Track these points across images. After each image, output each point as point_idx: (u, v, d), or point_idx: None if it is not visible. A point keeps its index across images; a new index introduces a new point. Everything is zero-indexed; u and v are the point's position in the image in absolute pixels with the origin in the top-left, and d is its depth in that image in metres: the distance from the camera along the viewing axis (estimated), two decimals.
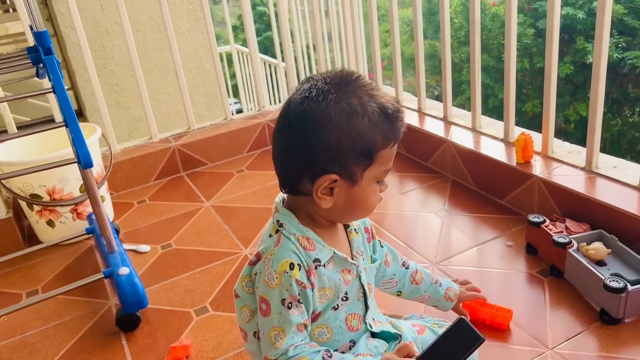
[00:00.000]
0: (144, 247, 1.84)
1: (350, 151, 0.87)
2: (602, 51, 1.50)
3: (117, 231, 1.88)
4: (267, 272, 0.89)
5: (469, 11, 1.84)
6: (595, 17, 1.38)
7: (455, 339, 0.89)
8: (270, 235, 0.94)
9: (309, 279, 0.91)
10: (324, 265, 0.93)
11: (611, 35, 6.15)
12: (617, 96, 6.78)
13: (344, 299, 0.97)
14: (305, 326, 0.92)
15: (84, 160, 1.17)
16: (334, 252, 0.94)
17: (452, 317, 1.28)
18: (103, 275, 1.53)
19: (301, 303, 0.90)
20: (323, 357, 0.90)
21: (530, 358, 1.24)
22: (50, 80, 1.33)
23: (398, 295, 1.23)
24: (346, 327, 0.99)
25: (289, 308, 0.89)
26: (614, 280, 1.27)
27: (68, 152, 1.74)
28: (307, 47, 3.97)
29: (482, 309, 1.34)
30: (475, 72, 1.94)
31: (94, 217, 1.78)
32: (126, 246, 1.82)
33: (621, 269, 1.36)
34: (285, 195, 0.98)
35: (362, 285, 1.00)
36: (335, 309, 0.96)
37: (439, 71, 2.14)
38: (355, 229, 1.03)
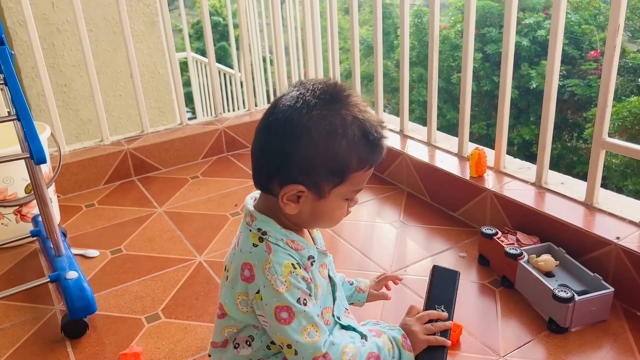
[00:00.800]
0: (92, 252, 1.78)
1: (322, 169, 0.87)
2: (554, 73, 1.57)
3: (64, 234, 1.81)
4: (274, 280, 0.89)
5: (421, 32, 1.89)
6: (539, 45, 1.44)
7: (440, 282, 1.07)
8: (255, 245, 0.92)
9: (307, 275, 0.93)
10: (312, 264, 0.95)
11: None
12: (557, 121, 7.08)
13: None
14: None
15: (36, 155, 1.12)
16: (317, 248, 0.97)
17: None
18: (49, 280, 1.46)
19: (311, 297, 0.92)
20: (362, 343, 0.95)
21: None
22: (1, 72, 1.27)
23: None
24: (326, 322, 1.00)
25: (305, 304, 0.90)
26: (562, 291, 1.32)
27: (14, 150, 1.67)
28: (264, 59, 3.97)
29: None
30: (432, 86, 1.99)
31: (39, 218, 1.71)
32: (73, 250, 1.75)
33: (568, 280, 1.42)
34: (254, 201, 0.97)
35: (331, 278, 1.03)
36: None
37: (391, 90, 2.20)
38: None
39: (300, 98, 0.87)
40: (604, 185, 1.62)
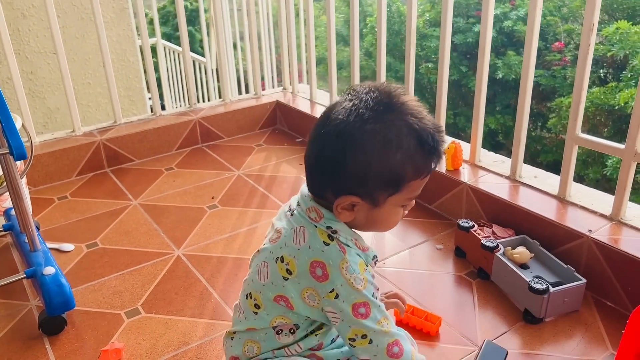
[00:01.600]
0: (67, 246, 1.74)
1: (378, 180, 0.87)
2: (530, 66, 1.61)
3: (37, 228, 1.76)
4: (353, 279, 0.89)
5: (390, 21, 1.90)
6: (505, 35, 1.47)
7: (487, 358, 1.17)
8: (327, 244, 0.91)
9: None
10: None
11: (519, 53, 6.59)
12: None
13: None
14: None
15: (17, 151, 1.09)
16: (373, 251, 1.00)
17: None
18: (25, 276, 1.43)
19: (378, 290, 0.95)
20: (411, 344, 0.98)
21: (461, 356, 1.31)
22: None
23: None
24: None
25: (376, 297, 0.93)
26: (537, 283, 1.37)
27: None
28: (234, 46, 3.92)
29: (412, 317, 1.39)
30: (410, 79, 2.01)
31: (12, 212, 1.66)
32: (48, 244, 1.71)
33: (542, 272, 1.46)
34: (306, 194, 0.96)
35: None
36: None
37: (360, 79, 2.20)
38: None
39: (354, 110, 0.86)
40: None
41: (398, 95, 0.88)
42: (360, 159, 0.85)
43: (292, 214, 0.97)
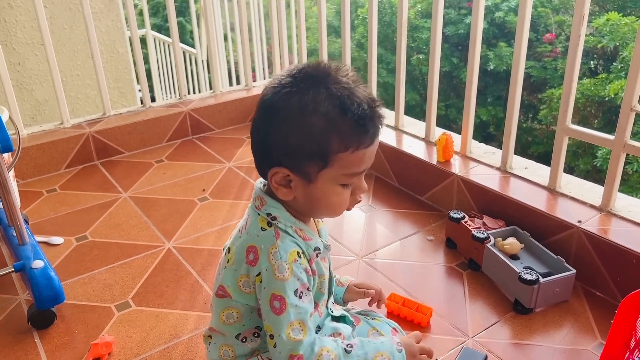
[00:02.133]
0: (57, 239, 1.73)
1: (299, 150, 0.84)
2: (521, 58, 1.60)
3: (26, 221, 1.75)
4: (277, 265, 0.87)
5: (381, 12, 1.89)
6: (497, 27, 1.47)
7: None
8: (264, 229, 0.90)
9: (311, 267, 0.92)
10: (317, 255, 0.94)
11: (510, 45, 6.60)
12: None
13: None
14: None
15: (2, 144, 1.08)
16: (322, 241, 0.96)
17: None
18: (14, 269, 1.42)
19: (309, 291, 0.90)
20: (345, 350, 0.92)
21: (452, 346, 1.31)
22: None
23: None
24: (318, 314, 1.01)
25: (301, 297, 0.88)
26: (527, 273, 1.37)
27: None
28: (225, 37, 3.90)
29: (403, 308, 1.39)
30: (401, 71, 2.01)
31: (0, 205, 1.64)
32: (37, 237, 1.69)
33: (533, 263, 1.47)
34: (263, 186, 0.96)
35: (330, 272, 1.03)
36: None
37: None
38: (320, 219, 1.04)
39: (282, 85, 0.84)
40: None
41: (327, 68, 0.85)
42: (280, 125, 0.84)
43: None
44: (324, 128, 0.82)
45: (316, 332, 1.00)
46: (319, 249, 0.94)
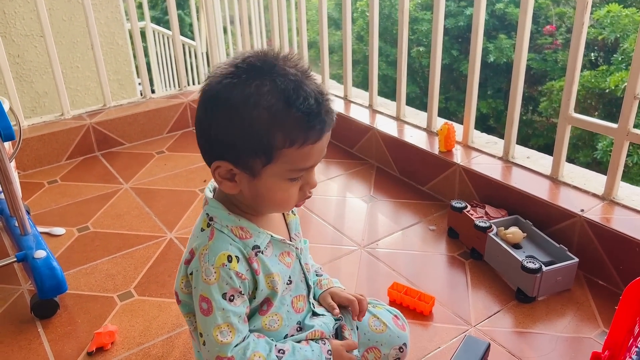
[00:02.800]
0: (58, 230, 1.73)
1: (241, 144, 0.80)
2: (523, 48, 1.60)
3: (27, 212, 1.75)
4: (205, 268, 0.85)
5: (380, 5, 1.88)
6: (497, 19, 1.46)
7: (466, 350, 1.15)
8: (202, 230, 0.89)
9: (250, 266, 0.87)
10: (262, 252, 0.89)
11: (510, 37, 6.57)
12: None
13: (288, 282, 0.96)
14: (247, 316, 0.90)
15: (4, 132, 1.07)
16: (272, 236, 0.91)
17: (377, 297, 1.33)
18: (16, 259, 1.42)
19: (243, 294, 0.87)
20: (277, 356, 0.89)
21: (454, 335, 1.31)
22: None
23: None
24: (293, 310, 0.98)
25: (231, 300, 0.85)
26: (530, 262, 1.37)
27: None
28: (225, 30, 3.88)
29: (406, 297, 1.39)
30: (402, 62, 2.00)
31: (1, 196, 1.64)
32: (39, 228, 1.69)
33: (535, 252, 1.47)
34: (215, 185, 0.93)
35: (302, 266, 1.00)
36: (281, 294, 0.95)
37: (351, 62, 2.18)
38: (292, 211, 1.00)
39: (225, 75, 0.79)
40: None
41: (274, 58, 0.80)
42: (219, 117, 0.79)
43: None
44: (267, 123, 0.77)
45: (298, 331, 0.98)
46: (258, 247, 0.88)
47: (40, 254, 1.39)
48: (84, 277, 1.54)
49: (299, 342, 0.95)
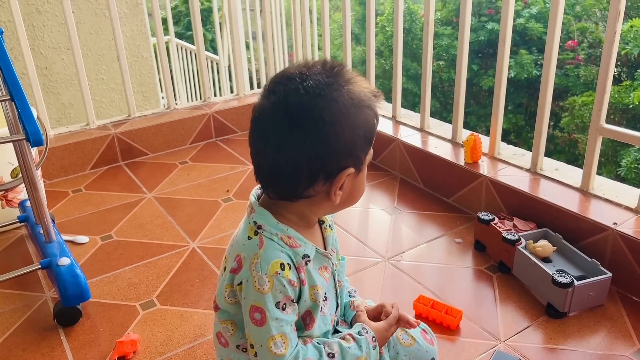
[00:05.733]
0: (82, 238, 1.73)
1: (362, 140, 0.84)
2: (552, 62, 1.58)
3: (52, 220, 1.75)
4: (257, 277, 0.84)
5: (404, 19, 1.87)
6: (517, 34, 1.44)
7: None
8: (250, 238, 0.88)
9: (299, 276, 0.87)
10: (310, 262, 0.89)
11: (531, 52, 6.53)
12: (534, 110, 7.21)
13: (324, 299, 0.95)
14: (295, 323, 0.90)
15: (33, 137, 1.08)
16: (316, 248, 0.91)
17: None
18: (40, 266, 1.42)
19: (294, 302, 0.87)
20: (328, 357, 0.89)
21: (482, 350, 1.28)
22: None
23: None
24: (330, 326, 0.98)
25: (284, 309, 0.85)
26: (561, 276, 1.33)
27: (3, 132, 1.61)
28: (247, 46, 3.92)
29: (432, 310, 1.36)
30: (427, 74, 1.99)
31: (27, 204, 1.66)
32: (63, 236, 1.70)
33: (565, 266, 1.43)
34: (259, 192, 0.93)
35: (335, 283, 0.99)
36: (321, 311, 0.94)
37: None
38: (329, 225, 1.00)
39: (309, 87, 0.80)
40: None
41: (335, 62, 0.86)
42: (345, 124, 0.81)
43: None
44: (371, 112, 0.85)
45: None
46: (309, 257, 0.89)
47: (64, 261, 1.39)
48: (107, 286, 1.53)
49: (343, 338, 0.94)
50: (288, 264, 0.85)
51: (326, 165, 0.83)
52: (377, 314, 1.05)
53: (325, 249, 0.97)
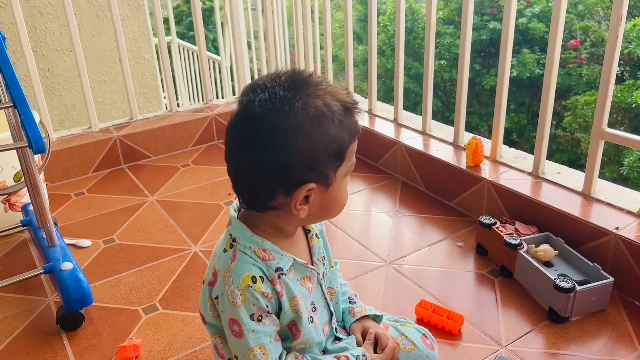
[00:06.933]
0: (85, 242, 1.74)
1: (325, 156, 0.82)
2: (554, 63, 1.57)
3: (54, 224, 1.76)
4: (230, 291, 0.84)
5: (410, 20, 1.87)
6: (520, 33, 1.43)
7: None
8: (225, 250, 0.88)
9: (274, 289, 0.87)
10: (286, 274, 0.89)
11: (533, 52, 6.52)
12: (536, 109, 7.21)
13: (313, 309, 0.95)
14: (278, 334, 0.90)
15: (35, 144, 1.08)
16: (294, 259, 0.90)
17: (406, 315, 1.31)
18: (43, 271, 1.43)
19: (270, 314, 0.87)
20: None
21: (484, 355, 1.28)
22: None
23: None
24: (323, 336, 0.97)
25: (260, 321, 0.85)
26: (563, 281, 1.34)
27: (5, 136, 1.61)
28: (249, 45, 3.91)
29: (434, 315, 1.36)
30: (429, 76, 1.99)
31: (30, 208, 1.66)
32: (65, 240, 1.70)
33: (567, 270, 1.43)
34: (239, 205, 0.92)
35: (323, 292, 0.98)
36: (312, 321, 0.93)
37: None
38: (316, 234, 0.99)
39: (274, 96, 0.79)
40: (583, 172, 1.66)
41: (302, 72, 0.84)
42: (304, 140, 0.79)
43: None
44: (339, 127, 0.82)
45: (324, 352, 0.98)
46: (282, 270, 0.88)
47: (67, 266, 1.40)
48: (109, 290, 1.54)
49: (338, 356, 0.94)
50: (260, 276, 0.85)
51: (282, 179, 0.82)
52: (364, 334, 1.04)
53: (311, 258, 0.97)
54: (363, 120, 0.90)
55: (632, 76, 5.86)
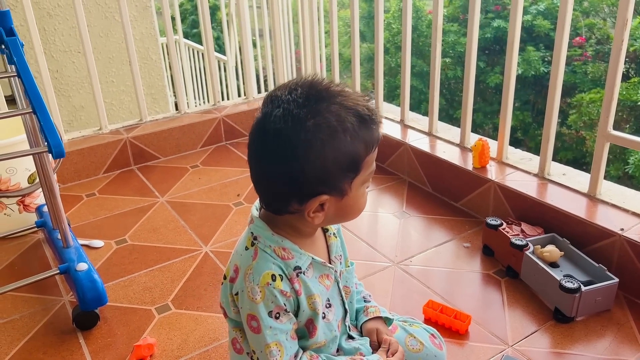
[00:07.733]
0: (97, 242, 1.77)
1: (337, 170, 0.84)
2: (560, 64, 1.59)
3: (68, 225, 1.79)
4: (250, 288, 0.87)
5: (414, 18, 1.89)
6: (524, 31, 1.45)
7: None
8: (247, 248, 0.91)
9: (292, 287, 0.89)
10: (304, 273, 0.91)
11: (538, 49, 6.51)
12: (541, 107, 7.20)
13: (328, 305, 0.97)
14: (295, 332, 0.92)
15: (55, 150, 1.11)
16: (313, 258, 0.93)
17: (415, 315, 1.33)
18: (59, 271, 1.46)
19: (288, 312, 0.89)
20: None
21: (491, 355, 1.30)
22: (13, 63, 1.24)
23: None
24: (338, 333, 1.00)
25: (277, 318, 0.88)
26: (568, 281, 1.36)
27: (16, 140, 1.65)
28: (254, 44, 3.93)
29: (442, 315, 1.39)
30: (435, 77, 2.01)
31: (44, 209, 1.69)
32: (78, 241, 1.73)
33: (573, 271, 1.45)
34: (258, 208, 0.95)
35: (339, 290, 1.01)
36: (324, 317, 0.96)
37: (374, 75, 2.21)
38: (334, 233, 1.02)
39: (287, 114, 0.81)
40: (587, 170, 1.68)
41: (320, 83, 0.85)
42: (315, 157, 0.81)
43: None
44: (353, 141, 0.83)
45: (338, 351, 1.00)
46: (300, 268, 0.91)
47: (82, 266, 1.43)
48: (123, 290, 1.57)
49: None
50: (280, 275, 0.88)
51: (294, 190, 0.84)
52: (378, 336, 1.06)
53: (329, 257, 1.00)
54: (381, 127, 0.90)
55: (637, 74, 5.85)
